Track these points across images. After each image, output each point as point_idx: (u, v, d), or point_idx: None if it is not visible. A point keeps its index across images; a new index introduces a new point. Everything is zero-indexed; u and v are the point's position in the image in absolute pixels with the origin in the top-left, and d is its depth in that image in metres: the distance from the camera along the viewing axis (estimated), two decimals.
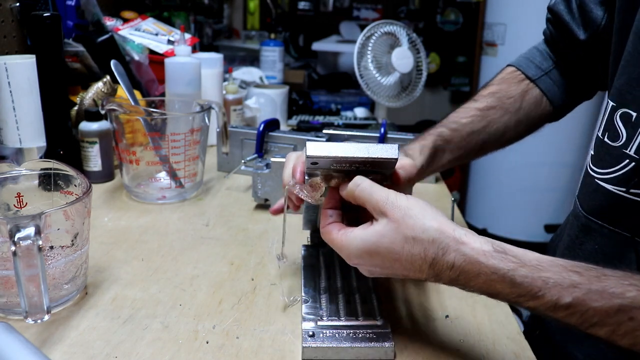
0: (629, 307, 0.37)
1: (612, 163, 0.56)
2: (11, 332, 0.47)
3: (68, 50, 1.07)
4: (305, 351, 0.50)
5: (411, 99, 1.43)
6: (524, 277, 0.41)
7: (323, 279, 0.61)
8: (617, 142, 0.55)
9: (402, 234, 0.45)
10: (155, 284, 0.63)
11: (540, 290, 0.40)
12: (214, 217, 0.83)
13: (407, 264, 0.46)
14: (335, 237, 0.50)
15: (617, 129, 0.55)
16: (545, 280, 0.40)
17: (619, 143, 0.55)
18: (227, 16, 2.46)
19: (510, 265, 0.42)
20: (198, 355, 0.50)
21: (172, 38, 1.27)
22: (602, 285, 0.39)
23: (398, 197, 0.47)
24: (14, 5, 1.00)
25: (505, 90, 0.72)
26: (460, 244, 0.44)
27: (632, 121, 0.53)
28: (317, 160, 0.50)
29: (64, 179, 0.62)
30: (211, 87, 1.18)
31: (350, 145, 0.50)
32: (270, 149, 0.98)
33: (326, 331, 0.52)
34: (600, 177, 0.57)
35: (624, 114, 0.54)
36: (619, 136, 0.55)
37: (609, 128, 0.56)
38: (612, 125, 0.56)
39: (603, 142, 0.57)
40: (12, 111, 0.85)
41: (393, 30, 1.38)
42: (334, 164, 0.51)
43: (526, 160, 2.19)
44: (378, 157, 0.49)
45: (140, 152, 0.87)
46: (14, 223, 0.47)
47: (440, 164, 0.68)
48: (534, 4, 2.03)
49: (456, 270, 0.44)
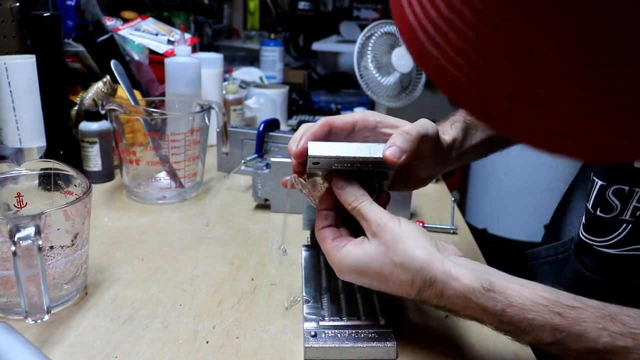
0: (602, 351, 0.41)
1: (610, 231, 0.57)
2: (11, 332, 0.47)
3: (68, 50, 1.07)
4: (307, 351, 0.50)
5: (411, 99, 1.43)
6: (511, 317, 0.43)
7: (324, 279, 0.61)
8: (612, 213, 0.57)
9: (391, 259, 0.46)
10: (155, 284, 0.63)
11: (525, 330, 0.43)
12: (214, 217, 0.83)
13: (395, 287, 0.47)
14: (329, 250, 0.50)
15: (610, 203, 0.57)
16: (530, 322, 0.43)
17: (613, 214, 0.56)
18: (227, 16, 2.46)
19: (498, 306, 0.43)
20: (198, 355, 0.50)
21: (172, 38, 1.27)
22: (580, 329, 0.42)
23: (391, 221, 0.47)
24: (14, 5, 1.00)
25: None
26: (449, 278, 0.45)
27: (625, 193, 0.55)
28: (318, 160, 0.50)
29: (64, 179, 0.62)
30: (211, 87, 1.18)
31: (352, 145, 0.50)
32: (270, 149, 0.98)
33: (328, 331, 0.52)
34: (599, 244, 0.58)
35: (617, 190, 0.56)
36: (613, 208, 0.56)
37: (600, 203, 0.57)
38: (605, 200, 0.57)
39: (596, 215, 0.58)
40: (12, 111, 0.85)
41: (393, 30, 1.38)
42: (336, 164, 0.51)
43: (526, 161, 2.19)
44: (380, 156, 0.49)
45: (140, 152, 0.87)
46: (14, 223, 0.47)
47: (473, 142, 0.64)
48: None
49: (444, 298, 0.45)
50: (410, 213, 0.84)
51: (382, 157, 0.49)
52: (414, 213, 0.86)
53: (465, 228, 0.82)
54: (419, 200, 0.90)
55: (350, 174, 0.51)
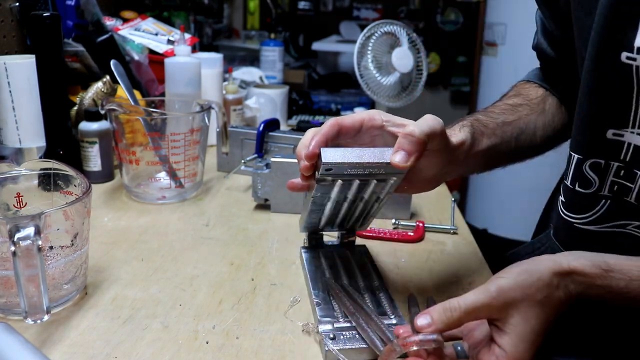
0: None
1: (589, 208, 0.57)
2: (11, 332, 0.47)
3: (68, 50, 1.06)
4: (328, 355, 0.49)
5: (411, 99, 1.43)
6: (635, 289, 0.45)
7: (329, 279, 0.61)
8: (590, 188, 0.57)
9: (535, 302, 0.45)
10: (155, 284, 0.62)
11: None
12: (214, 217, 0.83)
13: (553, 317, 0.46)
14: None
15: (588, 178, 0.57)
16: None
17: (592, 189, 0.57)
18: (227, 16, 2.46)
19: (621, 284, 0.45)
20: (198, 355, 0.50)
21: (172, 38, 1.27)
22: None
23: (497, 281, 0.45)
24: (13, 5, 1.00)
25: (527, 93, 0.72)
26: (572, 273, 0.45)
27: (601, 167, 0.55)
28: (332, 166, 0.50)
29: (63, 179, 0.62)
30: (211, 87, 1.18)
31: (365, 150, 0.50)
32: (270, 149, 0.98)
33: (346, 333, 0.51)
34: (579, 221, 0.58)
35: (593, 163, 0.56)
36: (591, 184, 0.57)
37: (578, 178, 0.58)
38: (582, 175, 0.57)
39: (575, 191, 0.58)
40: (12, 111, 0.85)
41: (393, 30, 1.38)
42: (348, 169, 0.51)
43: (527, 161, 2.19)
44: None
45: (140, 152, 0.87)
46: (13, 223, 0.47)
47: (481, 148, 0.62)
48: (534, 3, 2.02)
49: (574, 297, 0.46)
50: (411, 213, 0.84)
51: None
52: (414, 213, 0.86)
53: (466, 228, 0.82)
54: (419, 200, 0.90)
55: (362, 177, 0.52)
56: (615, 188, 0.55)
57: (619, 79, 0.52)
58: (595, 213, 0.57)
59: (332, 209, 0.58)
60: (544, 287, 0.45)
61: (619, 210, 0.55)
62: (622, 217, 0.55)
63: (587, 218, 0.58)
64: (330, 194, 0.55)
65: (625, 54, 0.50)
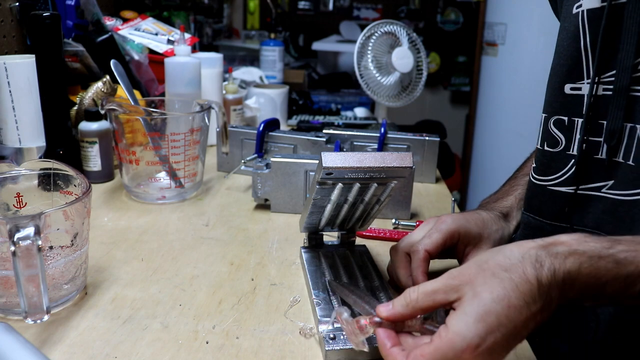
0: None
1: (559, 167, 0.58)
2: (11, 332, 0.47)
3: (68, 50, 1.06)
4: (328, 355, 0.49)
5: (411, 99, 1.43)
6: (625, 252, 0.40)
7: (329, 279, 0.61)
8: (558, 147, 0.58)
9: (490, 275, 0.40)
10: (155, 284, 0.62)
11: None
12: (214, 217, 0.83)
13: (520, 302, 0.39)
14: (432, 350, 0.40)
15: (554, 136, 0.58)
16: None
17: (559, 148, 0.58)
18: (227, 16, 2.46)
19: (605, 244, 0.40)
20: (198, 355, 0.50)
21: (172, 38, 1.27)
22: None
23: (459, 269, 0.42)
24: (13, 5, 1.00)
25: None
26: (549, 245, 0.41)
27: (565, 125, 0.56)
28: (332, 170, 0.50)
29: (63, 179, 0.62)
30: (211, 87, 1.18)
31: (365, 154, 0.51)
32: (270, 149, 0.98)
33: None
34: (550, 183, 0.59)
35: (556, 120, 0.57)
36: (558, 142, 0.58)
37: (546, 137, 0.59)
38: (549, 133, 0.58)
39: (544, 151, 0.59)
40: (12, 111, 0.85)
41: (393, 30, 1.38)
42: (349, 173, 0.51)
43: None
44: (393, 165, 0.50)
45: (140, 152, 0.87)
46: (13, 223, 0.47)
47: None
48: (534, 3, 2.02)
49: (559, 274, 0.40)
50: (411, 213, 0.84)
51: (395, 165, 0.50)
52: (414, 213, 0.86)
53: None
54: (419, 200, 0.90)
55: (362, 181, 0.53)
56: (584, 147, 0.55)
57: (572, 29, 0.53)
58: (566, 173, 0.57)
59: (332, 210, 0.58)
60: (504, 261, 0.40)
61: (590, 171, 0.56)
62: (594, 178, 0.55)
63: (558, 179, 0.58)
64: (330, 196, 0.56)
65: (576, 4, 0.52)
